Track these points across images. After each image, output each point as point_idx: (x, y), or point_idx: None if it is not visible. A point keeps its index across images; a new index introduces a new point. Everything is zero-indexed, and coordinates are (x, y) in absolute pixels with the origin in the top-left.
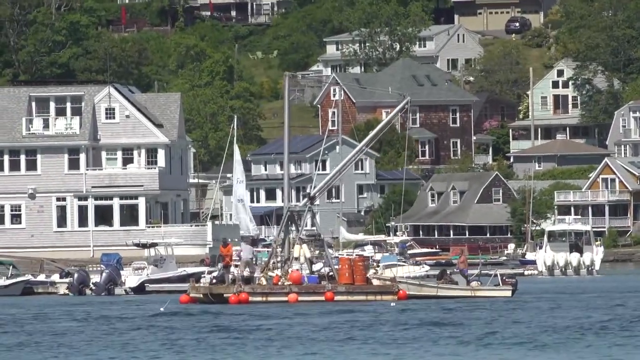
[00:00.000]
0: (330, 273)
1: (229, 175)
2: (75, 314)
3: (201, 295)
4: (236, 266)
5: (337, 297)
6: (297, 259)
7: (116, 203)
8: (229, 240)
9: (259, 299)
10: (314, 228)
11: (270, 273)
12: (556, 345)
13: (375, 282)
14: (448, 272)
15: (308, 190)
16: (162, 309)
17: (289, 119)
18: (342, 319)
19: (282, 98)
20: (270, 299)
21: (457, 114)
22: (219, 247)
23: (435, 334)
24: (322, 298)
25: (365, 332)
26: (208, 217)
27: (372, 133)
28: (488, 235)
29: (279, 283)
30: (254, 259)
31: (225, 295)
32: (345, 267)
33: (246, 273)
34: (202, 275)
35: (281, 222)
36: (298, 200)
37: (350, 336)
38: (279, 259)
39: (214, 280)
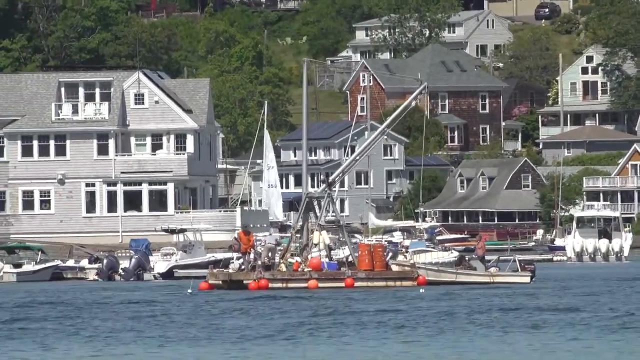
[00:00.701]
0: (349, 259)
1: (258, 161)
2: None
3: (220, 282)
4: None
5: (357, 284)
6: (316, 245)
7: (145, 189)
8: (251, 227)
9: (278, 285)
10: (334, 214)
11: (290, 259)
12: None
13: (394, 267)
14: (466, 258)
15: (326, 176)
16: (189, 291)
17: (307, 104)
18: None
19: (311, 84)
20: (290, 285)
21: (487, 100)
22: (239, 233)
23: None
24: (342, 284)
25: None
26: (238, 203)
27: (390, 118)
28: (517, 221)
29: (299, 269)
30: (276, 246)
31: (245, 281)
32: (365, 254)
33: (267, 260)
34: (231, 261)
35: (300, 209)
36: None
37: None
38: (297, 245)
39: (242, 267)
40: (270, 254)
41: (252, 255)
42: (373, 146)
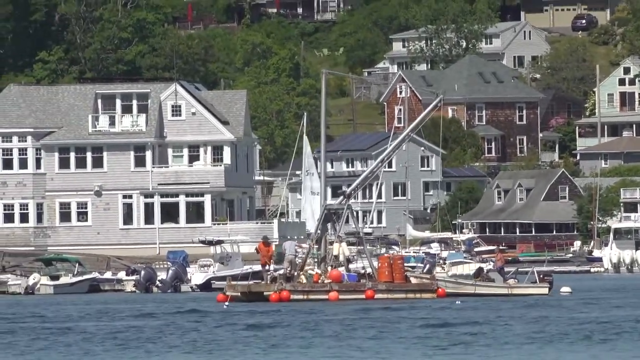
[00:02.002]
0: (369, 271)
1: (297, 172)
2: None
3: (238, 294)
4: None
5: (377, 295)
6: (336, 257)
7: (182, 200)
8: (270, 239)
9: (300, 297)
10: (354, 226)
11: (310, 271)
12: None
13: (413, 280)
14: (485, 270)
15: (344, 189)
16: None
17: (325, 116)
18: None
19: (348, 95)
20: (311, 297)
21: (524, 111)
22: (259, 244)
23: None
24: (363, 296)
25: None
26: (277, 214)
27: (407, 130)
28: (554, 232)
29: (319, 281)
30: (296, 258)
31: (265, 293)
32: (385, 266)
33: (288, 271)
34: (268, 273)
35: (318, 220)
36: (364, 197)
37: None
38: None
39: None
40: (290, 266)
41: (272, 267)
42: (389, 159)
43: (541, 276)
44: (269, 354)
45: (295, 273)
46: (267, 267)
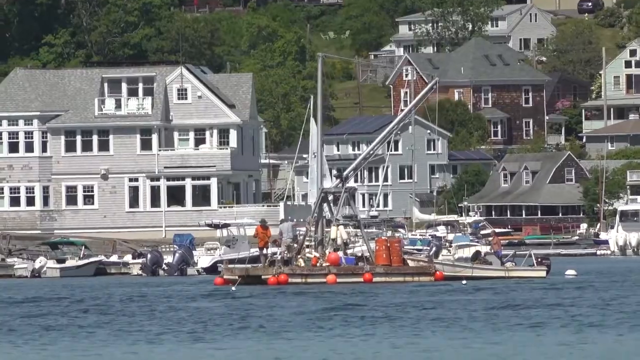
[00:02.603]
0: (366, 254)
1: (304, 155)
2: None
3: (236, 277)
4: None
5: (375, 279)
6: (334, 240)
7: (188, 183)
8: (267, 222)
9: (298, 280)
10: (352, 209)
11: (308, 254)
12: None
13: (411, 263)
14: (482, 253)
15: (340, 172)
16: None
17: (322, 101)
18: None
19: (354, 78)
20: (310, 280)
21: (530, 94)
22: (257, 227)
23: None
24: (361, 279)
25: None
26: (285, 198)
27: (401, 114)
28: (560, 215)
29: (317, 264)
30: (293, 242)
31: (263, 276)
32: (382, 249)
33: (285, 255)
34: (275, 256)
35: (315, 204)
36: (371, 180)
37: None
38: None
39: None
40: (288, 249)
41: (269, 250)
42: (386, 141)
43: (539, 259)
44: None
45: (293, 255)
46: (264, 251)
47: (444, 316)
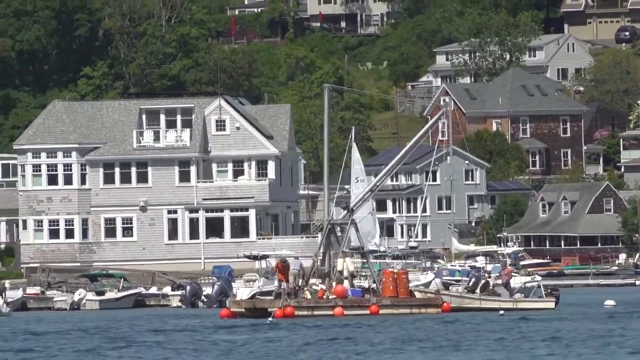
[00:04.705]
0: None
1: (347, 186)
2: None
3: (243, 310)
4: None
5: (381, 311)
6: (340, 272)
7: (227, 215)
8: (286, 258)
9: (304, 312)
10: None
11: (315, 287)
12: None
13: (417, 294)
14: (491, 284)
15: (347, 203)
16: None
17: (328, 131)
18: None
19: (392, 109)
20: (316, 312)
21: (568, 124)
22: (277, 263)
23: None
24: (367, 312)
25: None
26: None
27: (410, 143)
28: (599, 245)
29: (324, 297)
30: (300, 272)
31: (269, 309)
32: (389, 280)
33: (293, 286)
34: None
35: (322, 236)
36: (409, 211)
37: None
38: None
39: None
40: (295, 280)
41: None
42: (393, 172)
43: (548, 290)
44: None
45: (299, 285)
46: (282, 285)
47: None
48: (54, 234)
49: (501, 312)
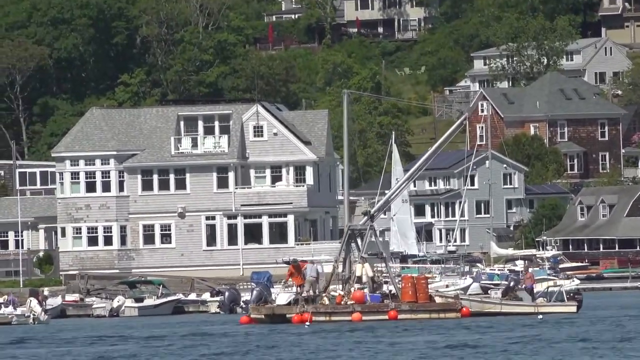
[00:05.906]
0: (392, 291)
1: (386, 191)
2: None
3: (262, 316)
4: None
5: (400, 316)
6: (359, 278)
7: (265, 221)
8: (299, 260)
9: (322, 318)
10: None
11: (333, 292)
12: None
13: (437, 299)
14: (514, 289)
15: (368, 209)
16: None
17: (348, 135)
18: None
19: (430, 114)
20: (334, 318)
21: (606, 128)
22: (291, 267)
23: None
24: (386, 317)
25: None
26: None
27: (431, 150)
28: (638, 248)
29: (342, 302)
30: (317, 278)
31: (288, 315)
32: (408, 285)
33: (310, 292)
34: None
35: (342, 241)
36: (447, 215)
37: None
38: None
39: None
40: (312, 287)
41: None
42: (414, 178)
43: (571, 294)
44: None
45: (315, 292)
46: (300, 289)
47: None
48: (93, 241)
49: (540, 316)
